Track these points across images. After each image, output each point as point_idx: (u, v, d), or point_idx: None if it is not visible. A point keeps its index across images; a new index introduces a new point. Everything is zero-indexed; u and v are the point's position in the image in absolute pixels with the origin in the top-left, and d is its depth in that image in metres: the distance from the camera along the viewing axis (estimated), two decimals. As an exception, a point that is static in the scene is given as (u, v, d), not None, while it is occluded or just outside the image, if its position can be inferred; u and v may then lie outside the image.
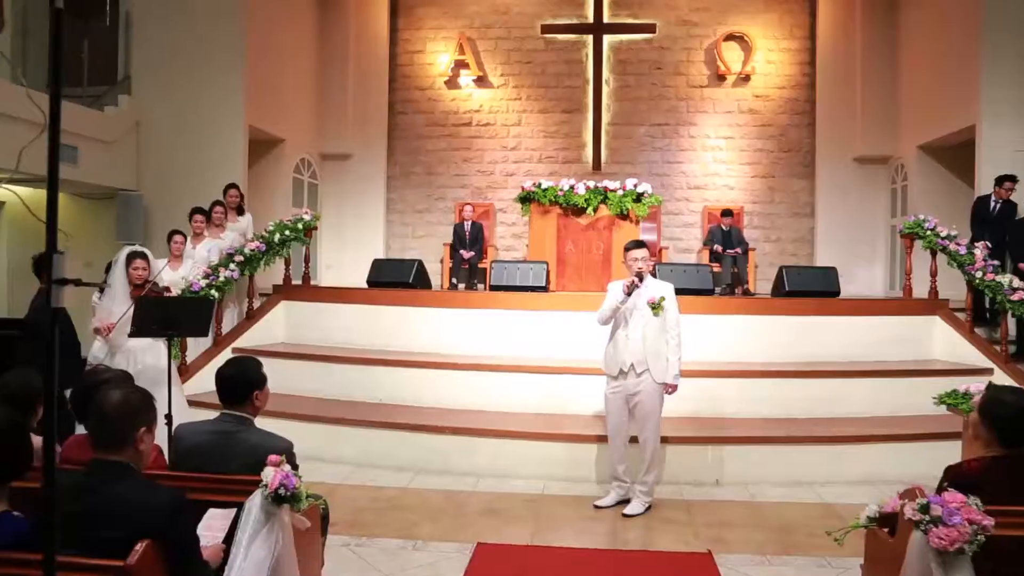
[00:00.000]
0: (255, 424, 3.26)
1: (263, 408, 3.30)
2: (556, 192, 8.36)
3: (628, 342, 5.13)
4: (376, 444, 6.29)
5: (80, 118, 8.75)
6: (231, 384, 3.20)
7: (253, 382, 3.22)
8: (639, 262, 5.15)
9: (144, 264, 5.72)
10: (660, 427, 5.27)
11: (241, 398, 3.20)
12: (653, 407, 5.17)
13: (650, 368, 5.10)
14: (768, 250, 12.01)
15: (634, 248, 5.25)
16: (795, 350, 7.26)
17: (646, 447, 5.21)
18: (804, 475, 5.90)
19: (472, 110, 12.50)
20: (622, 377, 5.18)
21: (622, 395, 5.20)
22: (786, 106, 12.10)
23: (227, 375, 3.22)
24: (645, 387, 5.12)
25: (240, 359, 3.41)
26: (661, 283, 5.32)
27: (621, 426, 5.26)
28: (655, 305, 5.09)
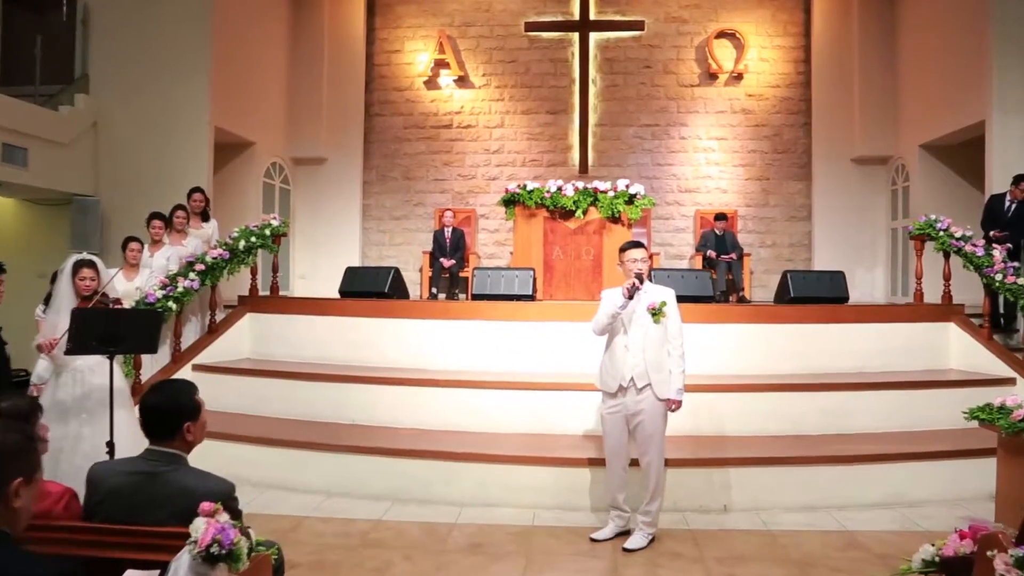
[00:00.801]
0: (188, 462, 2.67)
1: (198, 442, 2.74)
2: (542, 194, 7.81)
3: (627, 354, 4.58)
4: (348, 471, 5.69)
5: (31, 117, 8.14)
6: (156, 414, 2.65)
7: (184, 411, 2.66)
8: (639, 263, 4.62)
9: (92, 273, 5.11)
10: (664, 449, 4.71)
11: (169, 431, 2.64)
12: (656, 427, 4.62)
13: (652, 383, 4.56)
14: (764, 255, 11.53)
15: (632, 248, 4.72)
16: (801, 361, 6.75)
17: (650, 472, 4.64)
18: (819, 499, 5.36)
19: (453, 111, 11.96)
20: (621, 394, 4.62)
21: (621, 415, 4.64)
22: (780, 105, 11.65)
23: (151, 403, 2.66)
24: (647, 405, 4.57)
25: (168, 383, 2.84)
26: (660, 288, 4.77)
27: (620, 449, 4.70)
28: (656, 311, 4.55)
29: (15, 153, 7.86)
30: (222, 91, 9.38)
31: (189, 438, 2.67)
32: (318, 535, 4.87)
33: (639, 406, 4.57)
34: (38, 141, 8.19)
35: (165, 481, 2.54)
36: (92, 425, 4.83)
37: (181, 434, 2.64)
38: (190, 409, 2.68)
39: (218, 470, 5.90)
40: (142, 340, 4.76)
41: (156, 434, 2.63)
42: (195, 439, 2.70)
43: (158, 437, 2.63)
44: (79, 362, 5.07)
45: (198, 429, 2.71)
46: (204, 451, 6.10)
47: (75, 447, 4.97)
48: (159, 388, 2.73)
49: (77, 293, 5.08)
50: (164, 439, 2.63)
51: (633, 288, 4.49)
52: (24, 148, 7.99)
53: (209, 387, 6.96)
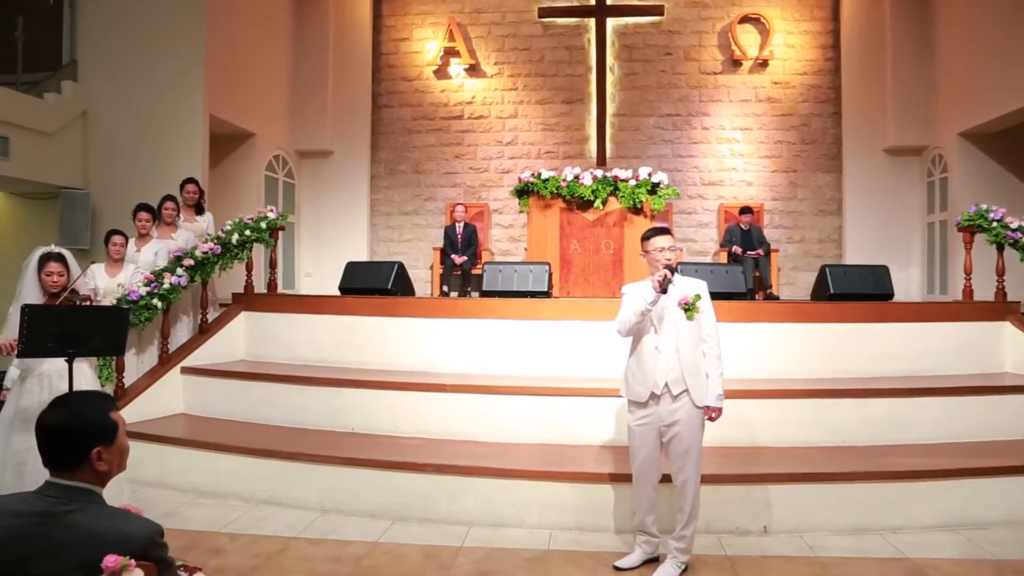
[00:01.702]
0: (102, 499, 2.10)
1: (115, 472, 2.15)
2: (558, 183, 7.23)
3: (659, 356, 4.00)
4: (344, 485, 5.15)
5: (12, 104, 7.65)
6: (55, 437, 2.07)
7: (91, 432, 2.08)
8: (667, 252, 4.04)
9: (60, 268, 4.62)
10: (701, 464, 4.13)
11: (73, 458, 2.06)
12: (694, 439, 4.04)
13: (689, 388, 3.98)
14: (791, 251, 10.91)
15: (657, 235, 4.13)
16: (842, 363, 6.14)
17: (685, 492, 4.05)
18: (870, 519, 4.76)
19: (464, 102, 11.41)
20: (653, 403, 4.04)
21: (653, 426, 4.06)
22: (808, 93, 11.02)
23: (49, 423, 2.08)
24: (684, 414, 3.99)
25: (73, 397, 2.23)
26: (691, 280, 4.18)
27: (652, 466, 4.11)
28: (689, 306, 3.97)
29: (-6, 141, 7.38)
30: (219, 78, 8.88)
31: (101, 467, 2.08)
32: (306, 560, 4.33)
33: (674, 416, 4.00)
34: (21, 130, 7.71)
35: (67, 524, 1.97)
36: (58, 435, 4.30)
37: (89, 463, 2.06)
38: (101, 430, 2.09)
39: (205, 483, 5.46)
40: (106, 340, 4.23)
41: (56, 463, 2.06)
42: (110, 469, 2.11)
43: (59, 467, 2.06)
44: (46, 366, 4.58)
45: (114, 456, 2.12)
46: (190, 463, 5.68)
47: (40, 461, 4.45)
48: (61, 403, 2.14)
49: (44, 289, 4.60)
50: (66, 469, 2.06)
51: (665, 280, 3.91)
52: (5, 137, 7.50)
53: (199, 392, 6.53)
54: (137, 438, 5.79)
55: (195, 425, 6.20)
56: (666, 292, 3.93)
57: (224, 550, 4.46)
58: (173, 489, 5.60)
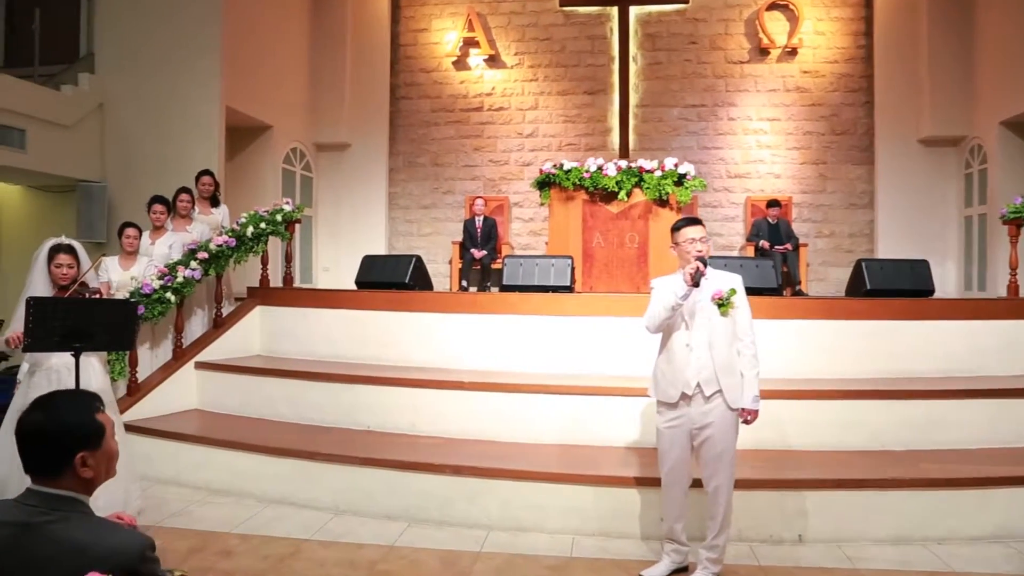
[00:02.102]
0: (88, 508, 1.92)
1: (102, 479, 1.97)
2: (581, 174, 6.99)
3: (691, 355, 3.78)
4: (359, 485, 4.97)
5: (29, 96, 7.54)
6: (35, 440, 1.88)
7: (74, 436, 1.89)
8: (698, 243, 3.81)
9: (70, 260, 4.48)
10: (735, 469, 3.89)
11: (54, 465, 1.88)
12: (728, 443, 3.80)
13: (723, 389, 3.75)
14: (821, 246, 10.60)
15: (688, 225, 3.89)
16: (879, 363, 5.87)
17: (718, 498, 3.83)
18: (913, 529, 4.50)
19: (483, 93, 11.20)
20: (684, 404, 3.81)
21: (684, 428, 3.83)
22: (839, 83, 10.69)
23: (27, 427, 1.89)
24: (717, 416, 3.76)
25: (55, 397, 2.01)
26: (725, 274, 3.94)
27: (682, 470, 3.89)
28: (723, 301, 3.74)
29: (11, 135, 7.28)
30: (236, 70, 8.74)
31: (86, 475, 1.90)
32: (318, 564, 4.15)
33: (707, 418, 3.77)
34: (37, 122, 7.60)
35: (47, 536, 1.78)
36: (66, 432, 4.15)
37: (73, 469, 1.88)
38: (85, 433, 1.91)
39: (218, 481, 5.30)
40: (114, 335, 4.07)
41: (36, 469, 1.88)
42: (96, 476, 1.93)
43: (39, 473, 1.88)
44: (55, 360, 4.45)
45: (100, 462, 1.94)
46: (203, 461, 5.53)
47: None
48: (41, 404, 1.95)
49: (53, 282, 4.46)
50: (47, 476, 1.87)
51: (697, 273, 3.68)
52: (21, 129, 7.40)
53: (213, 387, 6.37)
54: (150, 434, 5.69)
55: (209, 421, 6.05)
56: (698, 286, 3.70)
57: (234, 552, 4.30)
58: (186, 487, 5.46)
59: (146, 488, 5.31)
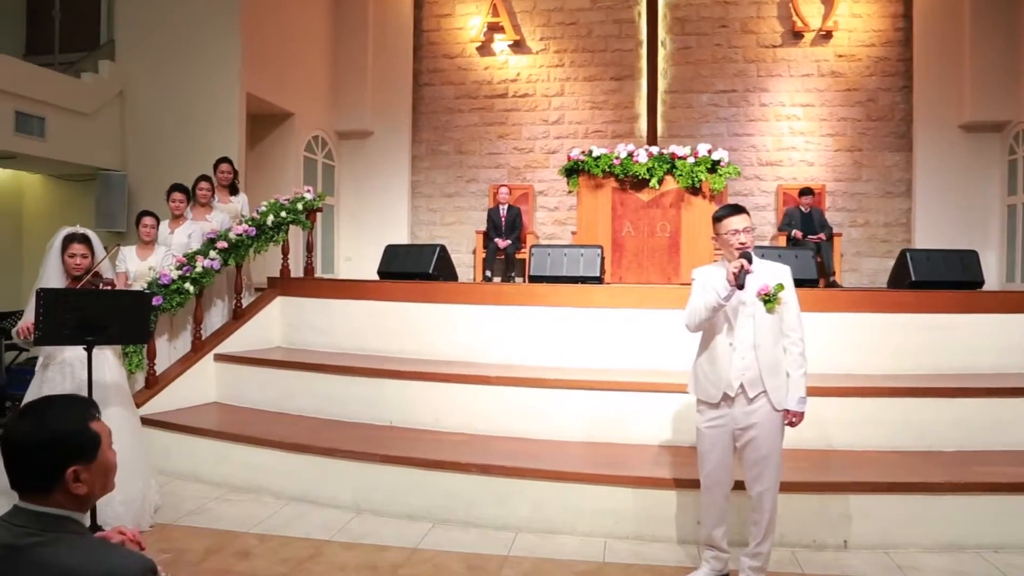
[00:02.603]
0: (82, 527, 1.72)
1: (95, 495, 1.77)
2: (611, 161, 6.73)
3: (733, 354, 3.53)
4: (382, 484, 4.79)
5: (49, 84, 7.42)
6: (22, 455, 1.68)
7: (66, 448, 1.69)
8: (741, 235, 3.55)
9: (84, 250, 4.32)
10: (781, 472, 3.66)
11: (43, 481, 1.68)
12: (773, 445, 3.56)
13: (767, 390, 3.50)
14: (855, 236, 10.27)
15: (731, 214, 3.60)
16: (927, 358, 5.59)
17: (763, 503, 3.59)
18: (965, 536, 4.24)
19: (508, 79, 10.96)
20: (726, 404, 3.58)
21: (727, 429, 3.59)
22: (875, 67, 10.32)
23: (13, 438, 1.69)
24: (762, 417, 3.52)
25: (45, 404, 1.80)
26: (772, 265, 3.67)
27: (723, 473, 3.65)
28: (770, 297, 3.49)
29: (30, 122, 7.15)
30: (257, 57, 8.57)
31: (78, 491, 1.70)
32: (338, 568, 3.97)
33: (751, 419, 3.53)
34: (57, 110, 7.48)
35: (35, 560, 1.59)
36: (80, 428, 4.00)
37: (63, 485, 1.69)
38: (78, 444, 1.71)
39: (237, 477, 5.13)
40: (128, 327, 3.90)
41: (24, 485, 1.69)
42: (90, 492, 1.73)
43: (27, 490, 1.69)
44: (68, 353, 4.30)
45: (95, 476, 1.74)
46: (222, 456, 5.38)
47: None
48: (29, 412, 1.75)
49: (67, 272, 4.31)
50: (36, 492, 1.68)
51: (742, 272, 3.42)
52: (41, 117, 7.27)
53: (232, 380, 6.21)
54: (168, 428, 5.55)
55: (228, 415, 5.91)
56: (743, 288, 3.44)
57: (252, 553, 4.14)
58: (204, 482, 5.32)
59: (164, 484, 5.17)
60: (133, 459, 4.41)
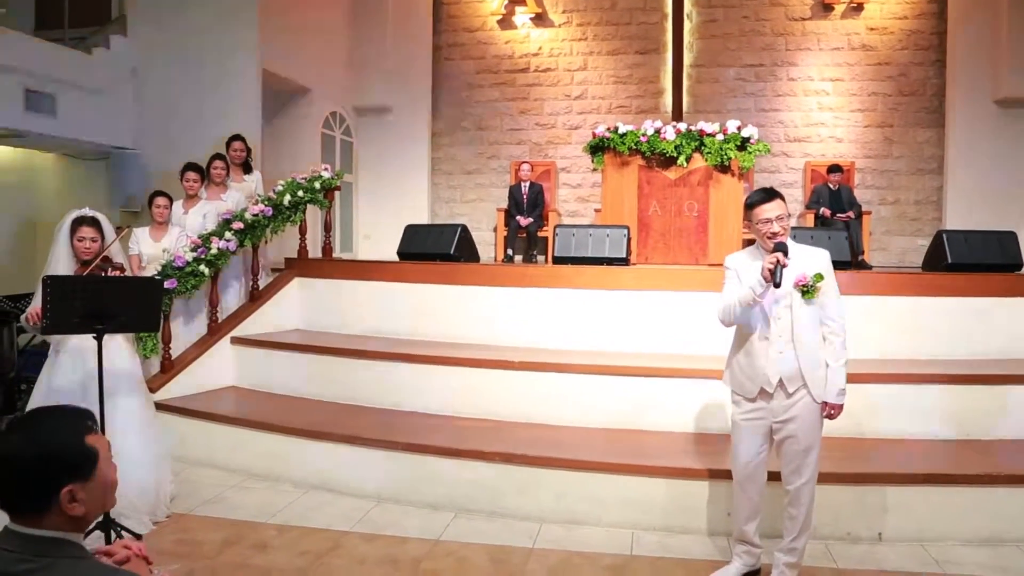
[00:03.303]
0: (80, 549, 1.58)
1: (93, 514, 1.64)
2: (637, 138, 6.51)
3: (770, 348, 3.34)
4: (403, 473, 4.68)
5: (59, 60, 7.27)
6: (12, 473, 1.55)
7: (60, 465, 1.56)
8: (774, 224, 3.34)
9: (93, 233, 4.21)
10: (818, 466, 3.49)
11: (35, 502, 1.55)
12: (812, 440, 3.39)
13: (807, 383, 3.32)
14: (884, 214, 10.00)
15: (764, 200, 3.38)
16: (964, 344, 5.39)
17: (800, 498, 3.42)
18: (1006, 528, 4.08)
19: (530, 53, 10.70)
20: (763, 399, 3.41)
21: (764, 422, 3.42)
22: (908, 40, 9.98)
23: (2, 451, 1.56)
24: (802, 412, 3.34)
25: (37, 417, 1.66)
26: (809, 250, 3.46)
27: (758, 469, 3.49)
28: (808, 288, 3.31)
29: (41, 100, 7.02)
30: (273, 32, 8.37)
31: (74, 511, 1.57)
32: (359, 562, 3.87)
33: (790, 412, 3.35)
34: (68, 87, 7.34)
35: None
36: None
37: (58, 506, 1.55)
38: (73, 462, 1.57)
39: (255, 465, 5.03)
40: (139, 315, 3.79)
41: (15, 506, 1.55)
42: (88, 512, 1.60)
43: (19, 511, 1.55)
44: (74, 341, 4.20)
45: (93, 494, 1.60)
46: (239, 443, 5.28)
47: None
48: (19, 426, 1.61)
49: (76, 256, 4.20)
50: (27, 513, 1.55)
51: (778, 267, 3.21)
52: (51, 95, 7.14)
53: (249, 363, 6.10)
54: (184, 414, 5.47)
55: (245, 400, 5.82)
56: (779, 286, 3.24)
57: (270, 545, 4.05)
58: (221, 469, 5.23)
59: (180, 471, 5.09)
60: (146, 448, 4.33)
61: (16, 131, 6.95)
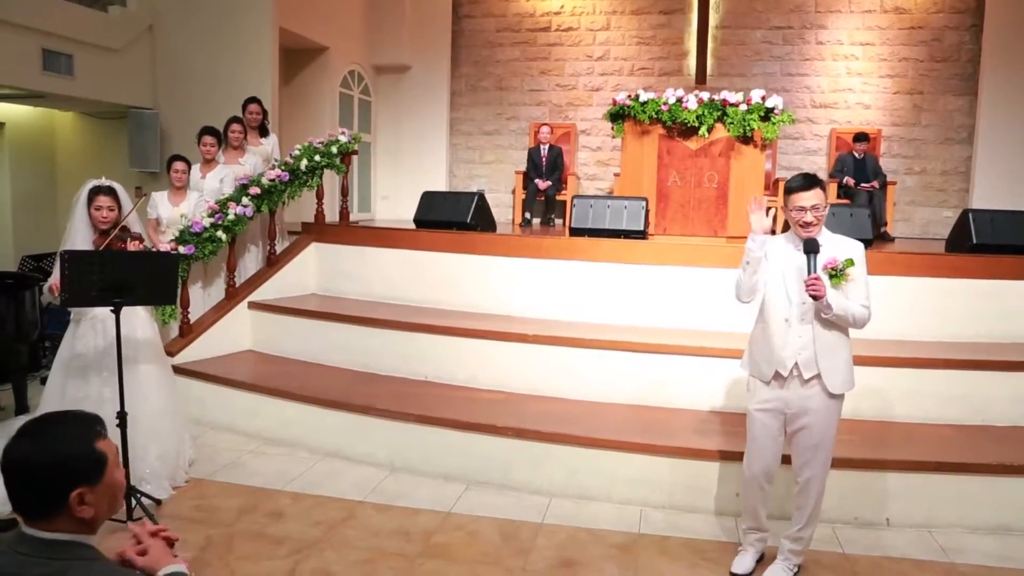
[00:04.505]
0: (92, 552, 1.62)
1: (103, 516, 1.67)
2: (659, 107, 6.40)
3: (790, 331, 3.30)
4: (416, 443, 4.74)
5: (75, 19, 7.21)
6: (23, 478, 1.58)
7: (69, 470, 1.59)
8: (808, 213, 3.25)
9: (110, 202, 4.22)
10: (831, 459, 3.47)
11: (46, 506, 1.58)
12: (826, 433, 3.36)
13: (821, 372, 3.29)
14: (910, 184, 9.80)
15: (801, 189, 3.27)
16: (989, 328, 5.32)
17: (808, 490, 3.43)
18: (1014, 518, 4.08)
19: (551, 12, 10.49)
20: (778, 385, 3.38)
21: (778, 413, 3.41)
22: (944, 2, 9.66)
23: (12, 459, 1.59)
24: (817, 403, 3.32)
25: (45, 422, 1.68)
26: (846, 241, 3.36)
27: (771, 460, 3.48)
28: (837, 272, 3.24)
29: (59, 60, 7.00)
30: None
31: (83, 514, 1.60)
32: (372, 533, 3.94)
33: (805, 404, 3.33)
34: (85, 47, 7.30)
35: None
36: (114, 386, 4.00)
37: (67, 509, 1.58)
38: (83, 467, 1.61)
39: (271, 430, 5.10)
40: (155, 288, 3.82)
41: (27, 510, 1.59)
42: (97, 514, 1.64)
43: (30, 515, 1.59)
44: (95, 310, 4.23)
45: (102, 498, 1.64)
46: (256, 408, 5.36)
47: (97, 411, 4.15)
48: (28, 431, 1.63)
49: (94, 226, 4.23)
50: (39, 517, 1.58)
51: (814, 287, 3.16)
52: (69, 55, 7.12)
53: (266, 328, 6.16)
54: (203, 378, 5.55)
55: (262, 365, 5.89)
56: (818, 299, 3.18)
57: (285, 513, 4.13)
58: (239, 433, 5.33)
59: (199, 435, 5.20)
60: (166, 415, 4.41)
61: (35, 92, 6.95)
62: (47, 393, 4.29)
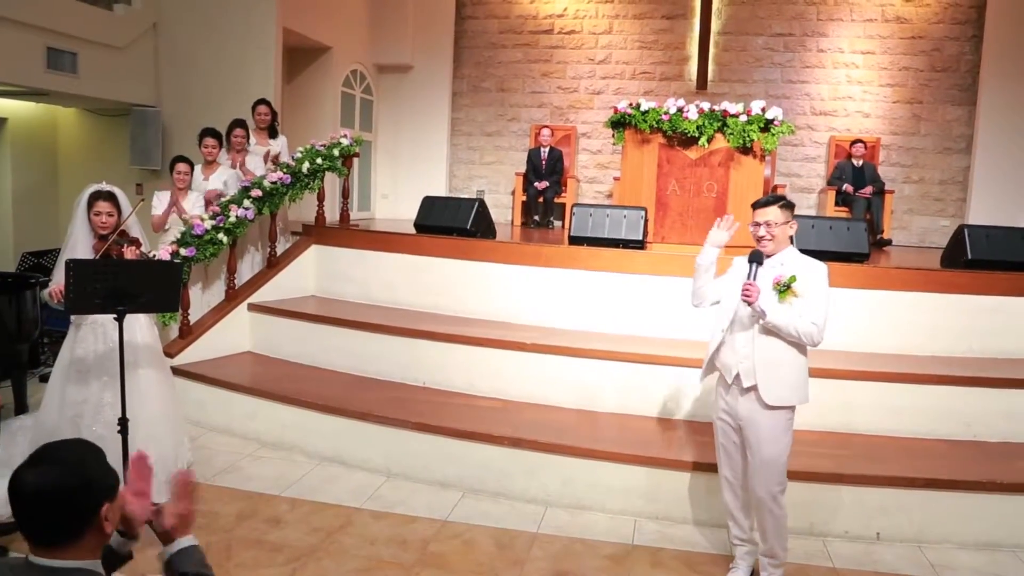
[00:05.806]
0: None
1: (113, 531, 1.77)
2: (659, 116, 6.43)
3: (733, 339, 3.47)
4: (414, 450, 4.78)
5: (80, 17, 7.22)
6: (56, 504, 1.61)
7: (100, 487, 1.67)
8: (761, 227, 3.40)
9: (110, 207, 4.24)
10: (784, 476, 3.48)
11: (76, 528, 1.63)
12: (772, 451, 3.40)
13: (759, 384, 3.36)
14: (907, 192, 9.85)
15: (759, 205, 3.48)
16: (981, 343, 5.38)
17: (762, 513, 3.49)
18: (1004, 534, 4.15)
19: (554, 14, 10.51)
20: (725, 391, 3.54)
21: (733, 421, 3.54)
22: (944, 13, 9.70)
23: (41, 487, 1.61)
24: (756, 415, 3.40)
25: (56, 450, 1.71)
26: (808, 262, 3.43)
27: (733, 468, 3.62)
28: (783, 287, 3.30)
29: (62, 58, 7.01)
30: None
31: (108, 528, 1.70)
32: (368, 541, 3.99)
33: (748, 414, 3.43)
34: (89, 45, 7.32)
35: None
36: (114, 390, 4.03)
37: (96, 527, 1.65)
38: (109, 483, 1.70)
39: (269, 434, 5.14)
40: (158, 296, 3.85)
41: (49, 539, 1.62)
42: (113, 528, 1.74)
43: (50, 544, 1.62)
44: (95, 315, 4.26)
45: (116, 512, 1.73)
46: (254, 411, 5.40)
47: (96, 414, 4.22)
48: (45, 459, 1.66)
49: (93, 231, 4.25)
50: (61, 545, 1.62)
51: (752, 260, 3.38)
52: (73, 53, 7.13)
53: (266, 330, 6.20)
54: (202, 380, 5.58)
55: (261, 367, 5.92)
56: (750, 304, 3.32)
57: (283, 520, 4.18)
58: (237, 437, 5.37)
59: (197, 437, 5.24)
60: (165, 419, 4.44)
61: (39, 89, 6.96)
62: (47, 397, 4.32)
